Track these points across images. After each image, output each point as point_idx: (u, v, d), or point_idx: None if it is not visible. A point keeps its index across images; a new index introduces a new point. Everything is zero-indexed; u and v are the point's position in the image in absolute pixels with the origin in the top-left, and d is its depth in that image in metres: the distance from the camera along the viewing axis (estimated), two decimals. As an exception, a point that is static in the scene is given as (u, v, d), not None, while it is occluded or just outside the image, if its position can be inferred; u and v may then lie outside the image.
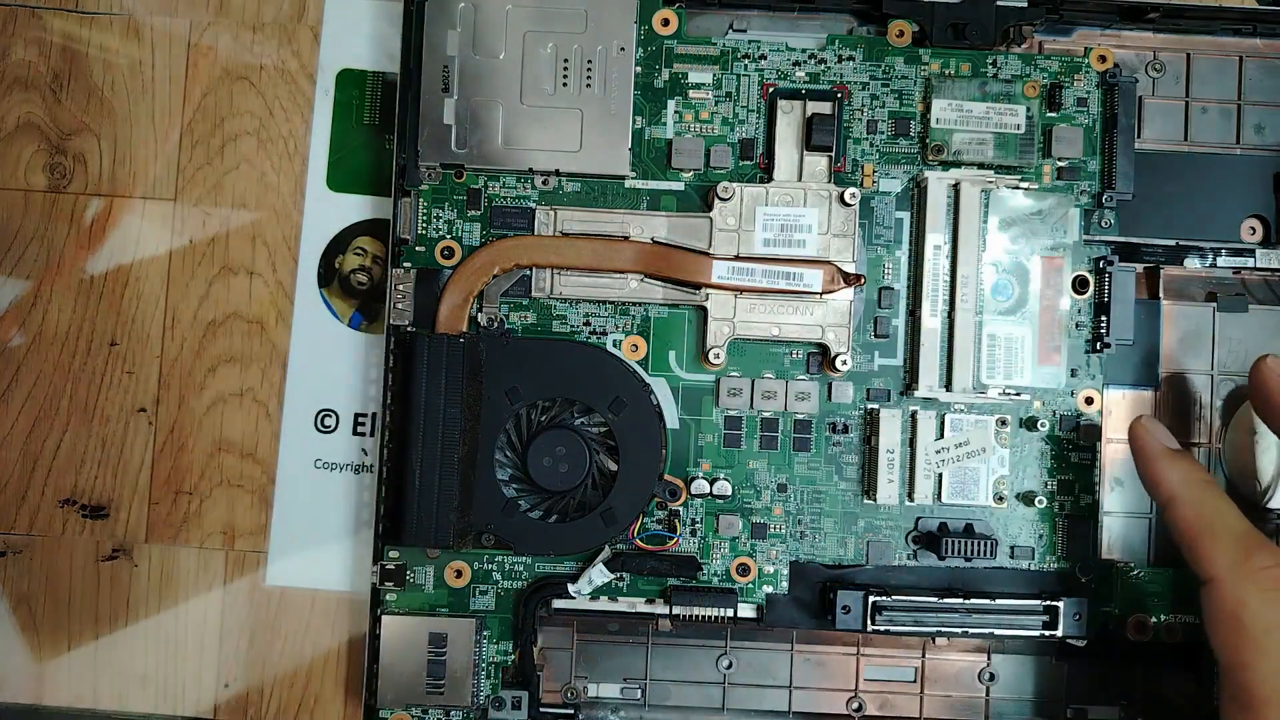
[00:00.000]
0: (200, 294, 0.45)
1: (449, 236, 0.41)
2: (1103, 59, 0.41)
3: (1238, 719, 0.35)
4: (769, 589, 0.41)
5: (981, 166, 0.41)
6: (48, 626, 0.44)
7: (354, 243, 0.44)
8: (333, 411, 0.44)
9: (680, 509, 0.41)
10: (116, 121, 0.45)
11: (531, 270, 0.41)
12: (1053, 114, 0.41)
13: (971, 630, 0.40)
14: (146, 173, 0.45)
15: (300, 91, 0.45)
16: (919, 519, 0.41)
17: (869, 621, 0.39)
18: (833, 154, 0.41)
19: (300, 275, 0.45)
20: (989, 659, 0.43)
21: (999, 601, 0.40)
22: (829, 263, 0.40)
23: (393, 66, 0.44)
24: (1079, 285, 0.41)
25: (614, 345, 0.41)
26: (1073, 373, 0.41)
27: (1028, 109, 0.41)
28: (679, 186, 0.41)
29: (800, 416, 0.41)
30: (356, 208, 0.44)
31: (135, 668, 0.45)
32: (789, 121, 0.41)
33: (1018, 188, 0.41)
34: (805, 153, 0.41)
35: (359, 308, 0.44)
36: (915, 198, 0.41)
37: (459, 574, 0.41)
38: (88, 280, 0.45)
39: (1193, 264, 0.43)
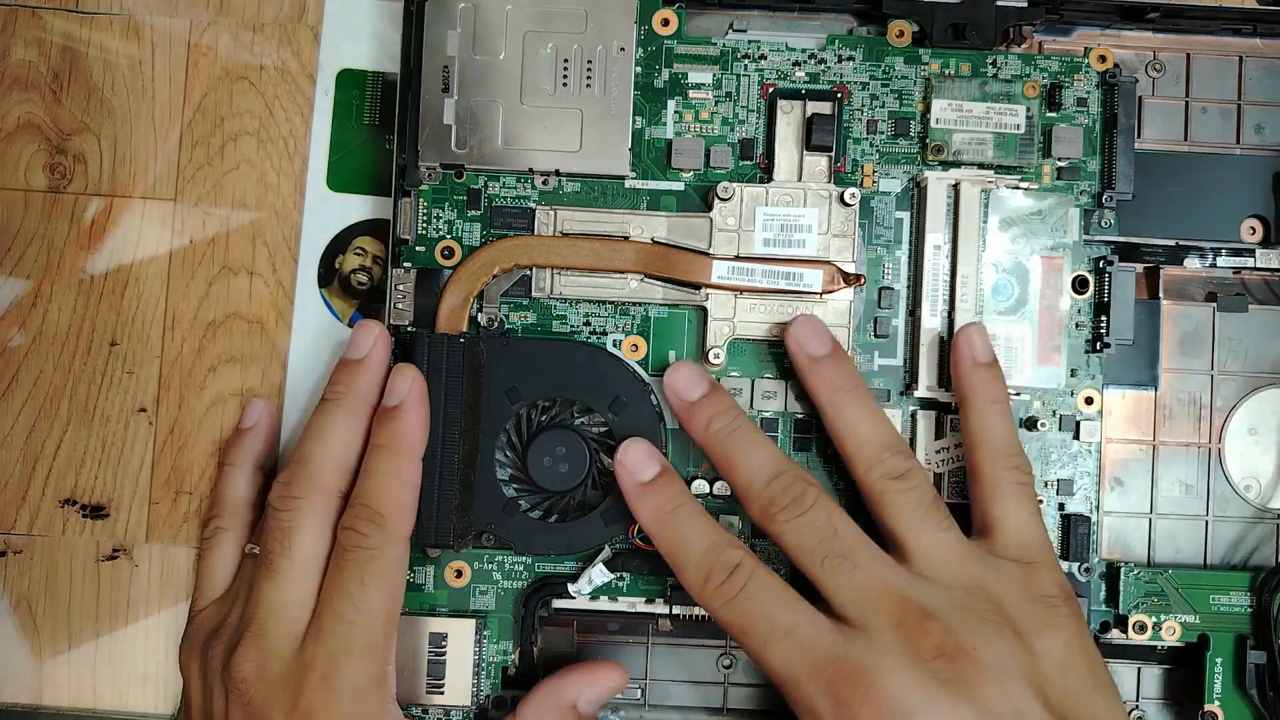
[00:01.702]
0: (200, 294, 0.45)
1: (449, 236, 0.41)
2: (1103, 59, 0.41)
3: (798, 715, 0.34)
4: (769, 589, 0.41)
5: (981, 166, 0.41)
6: (48, 626, 0.45)
7: (354, 243, 0.44)
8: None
9: (680, 509, 0.41)
10: (116, 121, 0.45)
11: (531, 270, 0.41)
12: (1053, 114, 0.41)
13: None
14: (146, 173, 0.45)
15: (300, 91, 0.45)
16: (919, 519, 0.41)
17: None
18: (833, 154, 0.41)
19: (300, 275, 0.45)
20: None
21: (999, 601, 0.40)
22: (829, 263, 0.40)
23: (393, 66, 0.44)
24: (1079, 285, 0.41)
25: (614, 345, 0.41)
26: (1072, 373, 0.41)
27: (1028, 109, 0.41)
28: (679, 186, 0.41)
29: (800, 416, 0.41)
30: (356, 208, 0.44)
31: (135, 668, 0.45)
32: (789, 121, 0.41)
33: (1018, 188, 0.41)
34: (805, 153, 0.41)
35: (359, 308, 0.44)
36: (915, 198, 0.41)
37: (459, 574, 0.41)
38: (88, 280, 0.45)
39: (1193, 264, 0.43)
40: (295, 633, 0.36)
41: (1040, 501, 0.39)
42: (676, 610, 0.40)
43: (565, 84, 0.40)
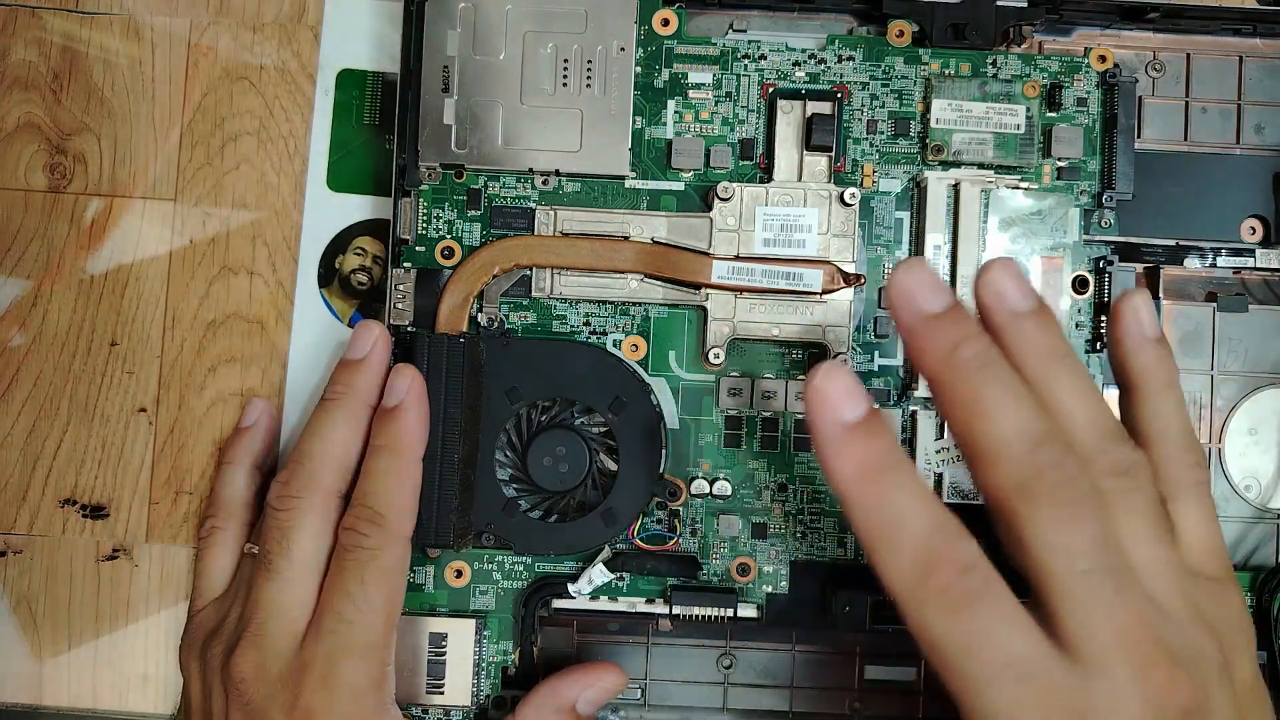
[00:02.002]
0: (200, 294, 0.45)
1: (449, 236, 0.41)
2: (1103, 59, 0.41)
3: None
4: (769, 589, 0.41)
5: (981, 166, 0.41)
6: (48, 626, 0.44)
7: (354, 243, 0.44)
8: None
9: (680, 509, 0.41)
10: (116, 121, 0.45)
11: (531, 270, 0.41)
12: (1052, 114, 0.41)
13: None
14: (146, 173, 0.45)
15: (300, 91, 0.45)
16: (919, 519, 0.41)
17: (870, 621, 0.40)
18: (833, 154, 0.41)
19: (300, 275, 0.44)
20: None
21: (999, 601, 0.40)
22: (829, 263, 0.40)
23: (393, 66, 0.44)
24: (1079, 285, 0.41)
25: (614, 345, 0.41)
26: (1073, 373, 0.41)
27: (1027, 109, 0.41)
28: (679, 186, 0.41)
29: (800, 416, 0.41)
30: (356, 208, 0.44)
31: (135, 668, 0.45)
32: (789, 121, 0.41)
33: (1018, 188, 0.41)
34: (805, 153, 0.41)
35: (359, 308, 0.44)
36: (915, 198, 0.41)
37: (459, 574, 0.41)
38: (88, 280, 0.45)
39: (1192, 264, 0.43)
40: (295, 633, 0.36)
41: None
42: (676, 610, 0.40)
43: (565, 84, 0.40)
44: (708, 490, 0.41)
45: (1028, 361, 0.30)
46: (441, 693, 0.40)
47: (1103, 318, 0.41)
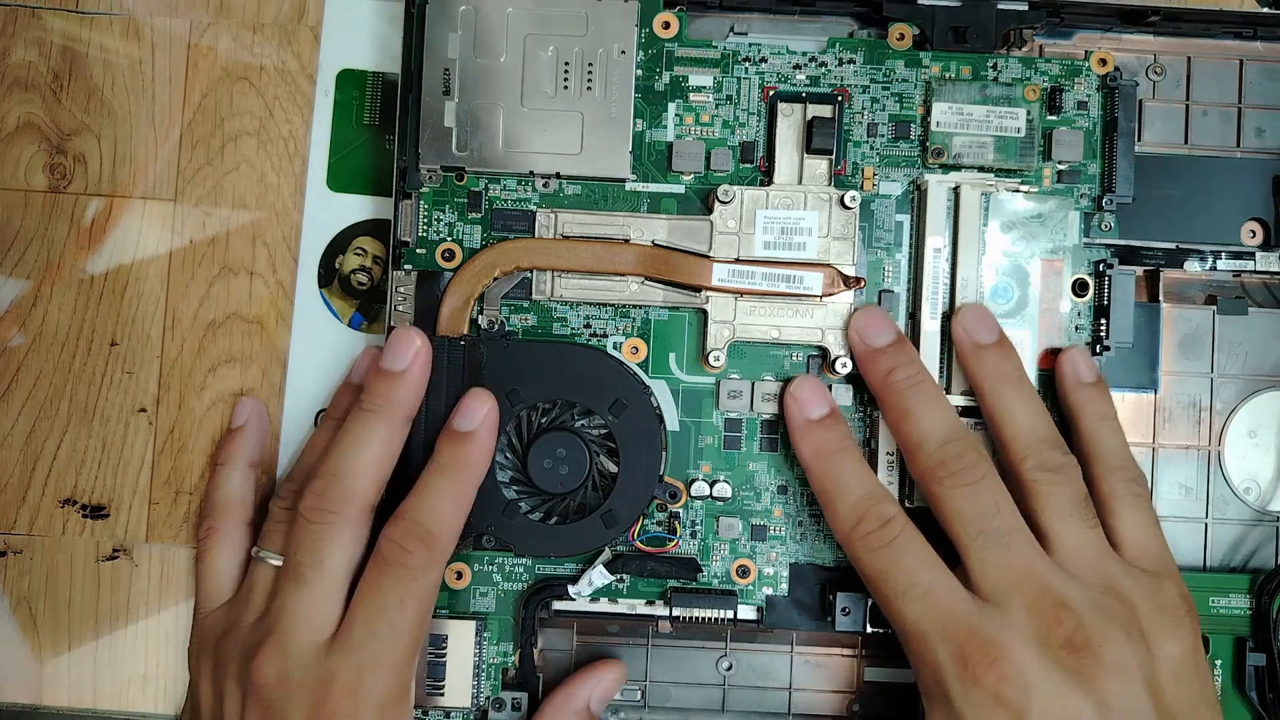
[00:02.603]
0: (200, 294, 0.45)
1: (450, 239, 0.41)
2: (1103, 62, 0.41)
3: (917, 668, 0.36)
4: (769, 591, 0.41)
5: (982, 170, 0.41)
6: (48, 626, 0.45)
7: (354, 243, 0.44)
8: (333, 412, 0.44)
9: (680, 511, 0.41)
10: (116, 121, 0.45)
11: (532, 273, 0.41)
12: (1053, 117, 0.41)
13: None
14: (146, 173, 0.45)
15: (300, 91, 0.45)
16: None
17: (869, 624, 0.40)
18: (833, 157, 0.41)
19: (300, 275, 0.45)
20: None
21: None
22: (829, 266, 0.40)
23: (393, 66, 0.44)
24: (1079, 288, 0.41)
25: (614, 348, 0.41)
26: (1072, 376, 0.41)
27: (1028, 112, 0.41)
28: (679, 189, 0.41)
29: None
30: (356, 208, 0.44)
31: (135, 668, 0.45)
32: (789, 124, 0.41)
33: (1018, 191, 0.41)
34: (806, 156, 0.41)
35: (359, 308, 0.44)
36: (915, 201, 0.41)
37: (459, 575, 0.41)
38: (88, 280, 0.45)
39: (1192, 267, 0.43)
40: (320, 642, 0.36)
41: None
42: (676, 612, 0.40)
43: (566, 87, 0.40)
44: (708, 492, 0.41)
45: (984, 383, 0.39)
46: (442, 694, 0.40)
47: (1103, 321, 0.41)
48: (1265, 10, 0.43)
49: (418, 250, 0.41)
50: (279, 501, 0.40)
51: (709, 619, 0.40)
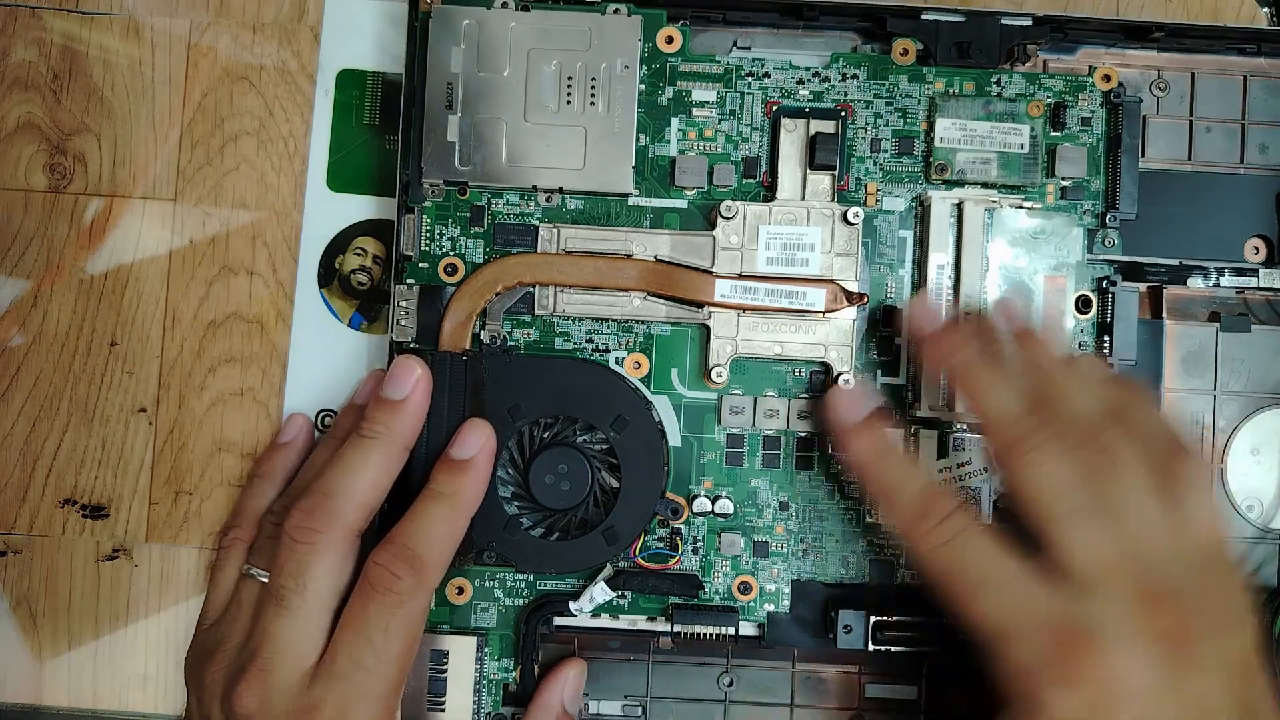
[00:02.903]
0: (200, 294, 0.45)
1: (452, 253, 0.41)
2: (1107, 78, 0.41)
3: (1000, 677, 0.33)
4: (770, 607, 0.41)
5: (985, 186, 0.41)
6: (48, 626, 0.45)
7: (354, 243, 0.44)
8: (333, 412, 0.44)
9: (682, 527, 0.41)
10: (116, 121, 0.45)
11: (534, 287, 0.41)
12: (1057, 133, 0.41)
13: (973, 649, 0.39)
14: (146, 173, 0.45)
15: (300, 91, 0.45)
16: (921, 538, 0.41)
17: (870, 641, 0.40)
18: (836, 173, 0.41)
19: (300, 275, 0.45)
20: (990, 678, 0.43)
21: (1000, 621, 0.40)
22: (832, 281, 0.40)
23: (393, 66, 0.44)
24: (1082, 305, 0.41)
25: (616, 363, 0.41)
26: (1076, 392, 0.41)
27: (1031, 128, 0.41)
28: (682, 204, 0.41)
29: (803, 435, 0.41)
30: (356, 208, 0.44)
31: (135, 668, 0.45)
32: (792, 140, 0.41)
33: (1021, 207, 0.41)
34: (809, 171, 0.41)
35: (359, 308, 0.44)
36: (919, 217, 0.41)
37: (460, 591, 0.41)
38: (88, 280, 0.45)
39: (1196, 284, 0.43)
40: (303, 670, 0.36)
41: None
42: (678, 629, 0.40)
43: (569, 101, 0.40)
44: (710, 508, 0.41)
45: (1041, 363, 0.37)
46: (443, 710, 0.40)
47: (1106, 337, 0.41)
48: (1269, 28, 0.43)
49: (420, 264, 0.41)
50: (271, 516, 0.40)
51: (710, 635, 0.40)
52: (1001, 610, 0.33)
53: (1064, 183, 0.41)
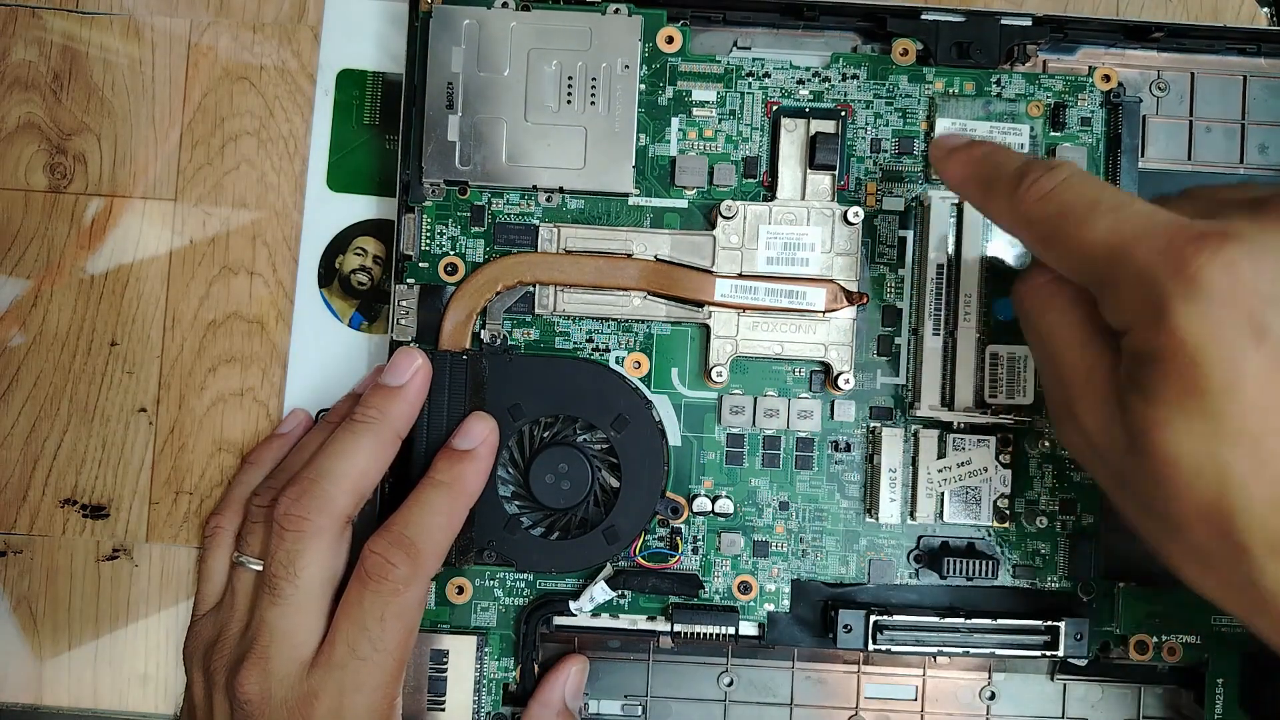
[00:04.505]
0: (200, 294, 0.45)
1: (452, 253, 0.41)
2: (1107, 78, 0.41)
3: (1117, 309, 0.30)
4: (770, 607, 0.41)
5: (985, 186, 0.41)
6: (48, 626, 0.45)
7: (354, 243, 0.44)
8: (333, 412, 0.44)
9: (682, 527, 0.41)
10: (116, 121, 0.45)
11: (535, 287, 0.41)
12: (1056, 133, 0.41)
13: (973, 650, 0.39)
14: (146, 173, 0.45)
15: (300, 91, 0.45)
16: (921, 538, 0.41)
17: (870, 640, 0.39)
18: (836, 172, 0.41)
19: (300, 275, 0.45)
20: (990, 677, 0.43)
21: (1000, 621, 0.40)
22: (832, 281, 0.40)
23: (393, 66, 0.44)
24: (1082, 305, 0.41)
25: (617, 362, 0.41)
26: (1075, 392, 0.41)
27: (1032, 128, 0.41)
28: (682, 204, 0.41)
29: (802, 435, 0.41)
30: (357, 208, 0.44)
31: (135, 668, 0.45)
32: (792, 140, 0.41)
33: (1021, 207, 0.41)
34: (809, 171, 0.41)
35: (359, 308, 0.44)
36: (918, 216, 0.41)
37: (460, 590, 0.41)
38: (88, 280, 0.45)
39: (1195, 284, 0.43)
40: (301, 659, 0.36)
41: (1042, 521, 0.40)
42: (678, 628, 0.40)
43: (569, 101, 0.40)
44: (710, 508, 0.41)
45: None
46: (443, 709, 0.40)
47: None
48: (1269, 28, 0.43)
49: (420, 264, 0.41)
50: (257, 500, 0.39)
51: (710, 635, 0.40)
52: (1118, 223, 0.29)
53: (1064, 183, 0.41)
